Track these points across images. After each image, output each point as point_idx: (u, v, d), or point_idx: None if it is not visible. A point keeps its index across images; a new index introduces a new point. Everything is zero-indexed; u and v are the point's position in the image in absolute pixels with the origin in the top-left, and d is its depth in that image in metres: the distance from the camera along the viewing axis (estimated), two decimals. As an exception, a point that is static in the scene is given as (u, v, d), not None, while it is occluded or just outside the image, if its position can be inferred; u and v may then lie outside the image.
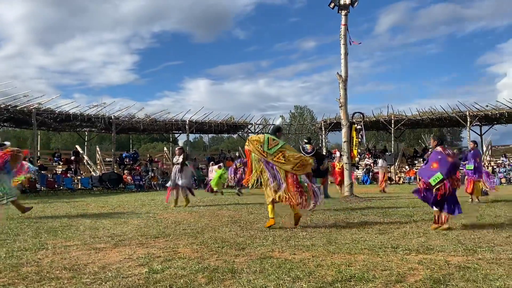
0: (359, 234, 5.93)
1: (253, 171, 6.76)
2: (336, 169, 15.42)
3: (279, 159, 6.63)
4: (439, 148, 6.72)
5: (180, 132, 31.71)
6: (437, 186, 6.27)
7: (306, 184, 6.68)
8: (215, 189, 15.73)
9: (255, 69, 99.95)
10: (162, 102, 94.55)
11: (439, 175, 6.30)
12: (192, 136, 66.86)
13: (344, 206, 10.51)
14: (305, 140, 9.87)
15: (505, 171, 23.40)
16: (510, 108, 25.78)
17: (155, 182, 23.52)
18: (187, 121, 28.84)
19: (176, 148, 12.34)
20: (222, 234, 6.14)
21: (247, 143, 6.97)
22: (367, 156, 29.18)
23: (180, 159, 11.37)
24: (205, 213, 9.24)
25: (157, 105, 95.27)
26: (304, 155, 8.03)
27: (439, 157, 6.49)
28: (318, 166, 12.98)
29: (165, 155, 30.77)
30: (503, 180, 22.87)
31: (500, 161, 24.84)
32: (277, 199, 6.60)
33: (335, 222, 7.36)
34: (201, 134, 48.37)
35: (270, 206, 6.71)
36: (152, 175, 24.05)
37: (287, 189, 6.50)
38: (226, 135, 46.97)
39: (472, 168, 10.58)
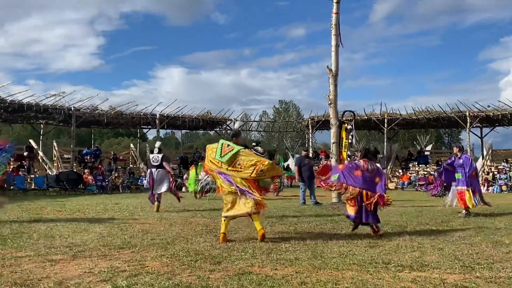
0: (348, 247, 6.01)
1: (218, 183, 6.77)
2: None
3: (235, 167, 6.53)
4: (361, 162, 7.66)
5: (150, 127, 31.43)
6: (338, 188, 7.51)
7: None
8: (190, 190, 15.67)
9: (237, 58, 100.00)
10: (129, 92, 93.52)
11: (336, 176, 7.49)
12: (163, 132, 66.59)
13: (331, 214, 10.61)
14: (254, 144, 10.04)
15: (506, 178, 23.91)
16: (513, 108, 26.32)
17: (119, 183, 23.26)
18: (158, 114, 28.62)
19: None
20: (196, 245, 6.14)
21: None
22: (357, 159, 29.53)
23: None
24: (176, 220, 9.20)
25: (124, 96, 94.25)
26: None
27: (350, 165, 7.71)
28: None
29: (132, 152, 30.46)
30: (504, 188, 23.37)
31: (501, 167, 25.35)
32: (254, 211, 6.46)
33: (321, 232, 7.43)
34: (174, 130, 48.22)
35: (227, 221, 6.63)
36: (116, 175, 23.78)
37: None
38: (202, 131, 46.81)
39: (461, 176, 10.31)
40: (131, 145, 32.38)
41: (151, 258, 5.27)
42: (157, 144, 12.53)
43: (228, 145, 6.75)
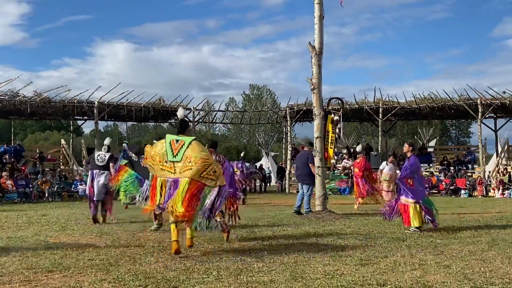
0: (334, 266, 6.09)
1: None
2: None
3: (186, 166, 6.70)
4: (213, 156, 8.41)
5: (86, 118, 31.03)
6: None
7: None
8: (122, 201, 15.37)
9: (198, 30, 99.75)
10: (60, 74, 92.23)
11: None
12: (103, 124, 65.93)
13: (314, 225, 10.72)
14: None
15: (524, 180, 24.55)
16: (533, 95, 26.97)
17: (47, 189, 22.91)
18: (96, 102, 28.26)
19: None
20: (146, 266, 6.11)
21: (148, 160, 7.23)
22: (346, 157, 29.86)
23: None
24: (120, 235, 9.14)
25: (53, 78, 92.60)
26: None
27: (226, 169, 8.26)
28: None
29: (63, 150, 30.01)
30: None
31: (519, 166, 26.03)
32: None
33: (302, 248, 7.48)
34: (117, 122, 47.79)
35: (173, 226, 6.93)
36: (44, 179, 23.43)
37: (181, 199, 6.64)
38: (153, 123, 46.45)
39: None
40: (62, 141, 31.92)
41: (89, 283, 5.21)
42: (107, 141, 12.60)
43: (177, 140, 6.93)
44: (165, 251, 7.28)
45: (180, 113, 8.08)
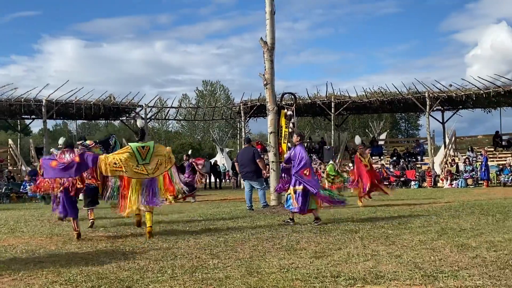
0: (289, 259, 6.14)
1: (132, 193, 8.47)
2: (363, 164, 15.05)
3: (160, 168, 8.53)
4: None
5: (34, 117, 30.42)
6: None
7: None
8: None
9: (150, 26, 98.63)
10: (6, 72, 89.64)
11: None
12: (51, 123, 64.52)
13: (269, 220, 10.77)
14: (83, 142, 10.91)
15: (471, 170, 25.31)
16: (478, 88, 27.84)
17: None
18: (44, 100, 27.72)
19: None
20: (98, 267, 6.02)
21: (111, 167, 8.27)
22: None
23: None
24: (72, 236, 8.96)
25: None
26: None
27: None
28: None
29: (11, 151, 29.29)
30: (470, 181, 24.74)
31: (466, 156, 26.79)
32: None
33: (257, 243, 7.53)
34: (66, 120, 46.80)
35: (148, 215, 8.50)
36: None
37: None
38: (104, 121, 45.73)
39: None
40: (10, 141, 31.23)
41: (40, 286, 5.12)
42: (61, 141, 12.23)
43: (143, 147, 8.49)
44: (118, 250, 7.21)
45: (139, 123, 10.16)
